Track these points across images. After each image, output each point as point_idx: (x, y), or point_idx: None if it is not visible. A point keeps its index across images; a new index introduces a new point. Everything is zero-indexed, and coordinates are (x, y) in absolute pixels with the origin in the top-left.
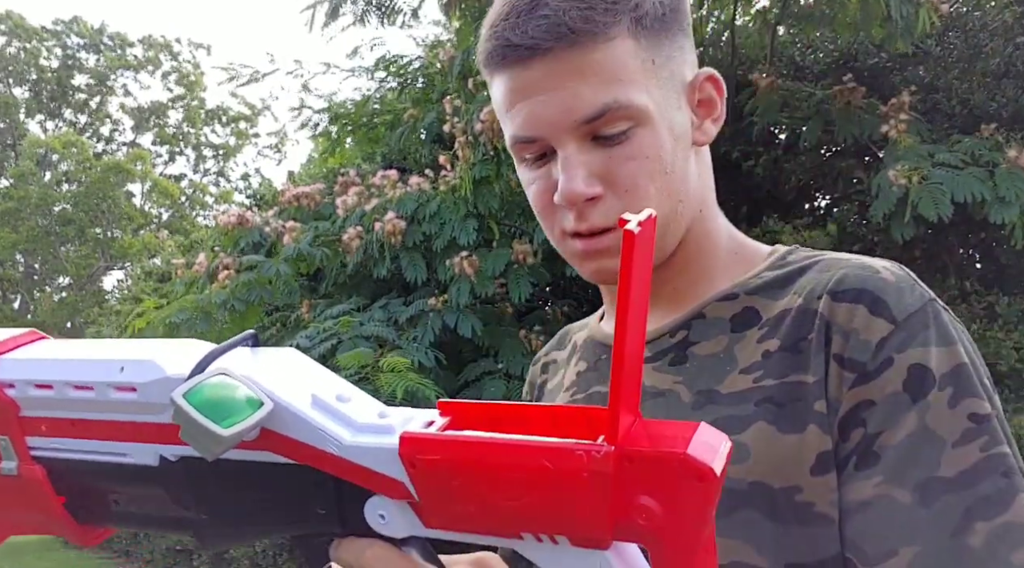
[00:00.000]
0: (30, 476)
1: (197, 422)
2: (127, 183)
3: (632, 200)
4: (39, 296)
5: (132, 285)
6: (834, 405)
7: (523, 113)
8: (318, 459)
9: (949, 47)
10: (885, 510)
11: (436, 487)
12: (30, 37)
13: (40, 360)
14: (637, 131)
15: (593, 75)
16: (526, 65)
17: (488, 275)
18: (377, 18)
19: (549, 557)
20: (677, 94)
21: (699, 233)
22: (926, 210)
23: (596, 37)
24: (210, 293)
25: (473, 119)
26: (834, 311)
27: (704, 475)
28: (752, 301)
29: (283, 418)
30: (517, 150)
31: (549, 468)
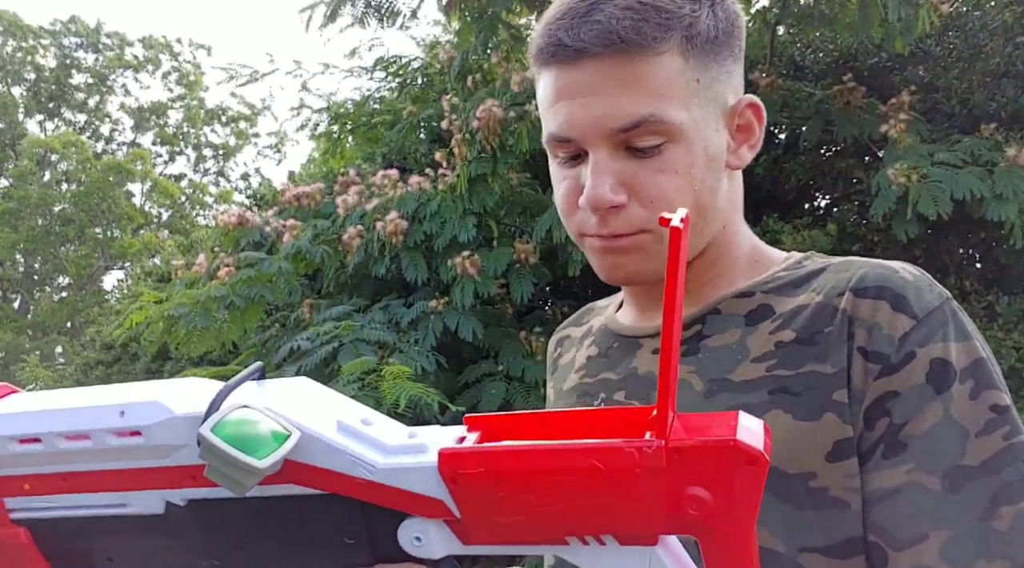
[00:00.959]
0: (12, 541)
1: (230, 456)
2: (127, 183)
3: (655, 211)
4: (39, 296)
5: (132, 285)
6: (858, 395)
7: (563, 113)
8: (348, 486)
9: (949, 47)
10: (915, 496)
11: (479, 501)
12: (26, 36)
13: (22, 413)
14: (670, 147)
15: (635, 86)
16: (573, 66)
17: (489, 275)
18: (376, 20)
19: (597, 560)
20: (717, 116)
21: (719, 244)
22: (925, 208)
23: (644, 50)
24: (209, 288)
25: (469, 117)
26: (857, 306)
27: (755, 459)
28: (767, 299)
29: (310, 447)
30: (552, 147)
31: (600, 468)
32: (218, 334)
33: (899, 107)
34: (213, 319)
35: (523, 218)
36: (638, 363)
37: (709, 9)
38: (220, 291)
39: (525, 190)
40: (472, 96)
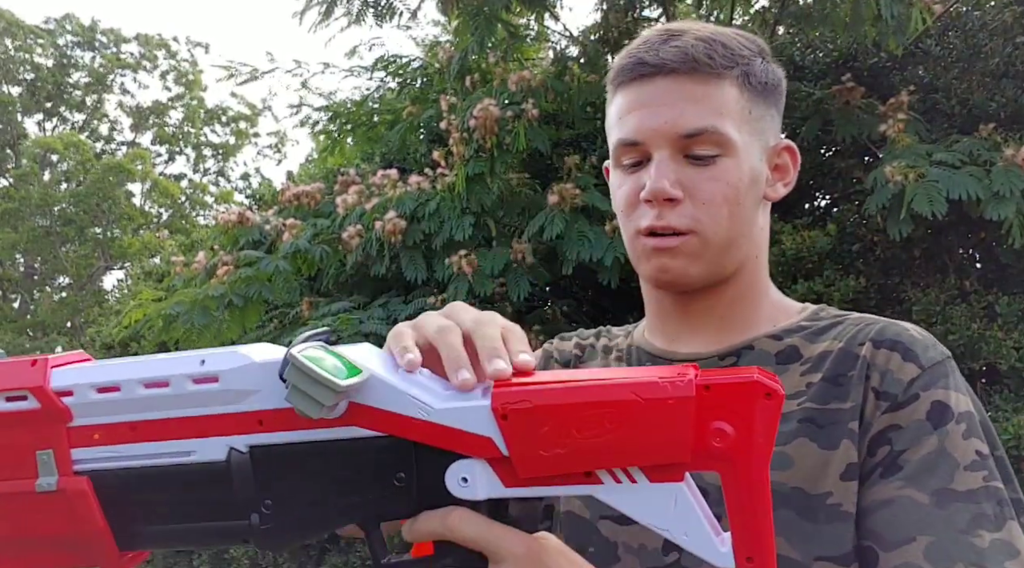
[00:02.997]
0: (74, 489)
1: (315, 373)
2: (127, 183)
3: (706, 212)
4: (39, 296)
5: (132, 285)
6: (867, 426)
7: (634, 120)
8: (406, 427)
9: (948, 47)
10: (905, 506)
11: (525, 436)
12: (24, 35)
13: (103, 366)
14: (723, 160)
15: (701, 102)
16: (650, 80)
17: (487, 274)
18: (374, 17)
19: (628, 497)
20: (760, 149)
21: (751, 276)
22: (921, 206)
23: (712, 73)
24: (208, 287)
25: (467, 116)
26: (875, 355)
27: (773, 393)
28: (794, 342)
29: (373, 389)
30: (619, 153)
31: (636, 400)
32: (217, 333)
33: (898, 107)
34: (212, 318)
35: (521, 218)
36: None
37: (761, 60)
38: (219, 290)
39: (524, 190)
40: (471, 95)
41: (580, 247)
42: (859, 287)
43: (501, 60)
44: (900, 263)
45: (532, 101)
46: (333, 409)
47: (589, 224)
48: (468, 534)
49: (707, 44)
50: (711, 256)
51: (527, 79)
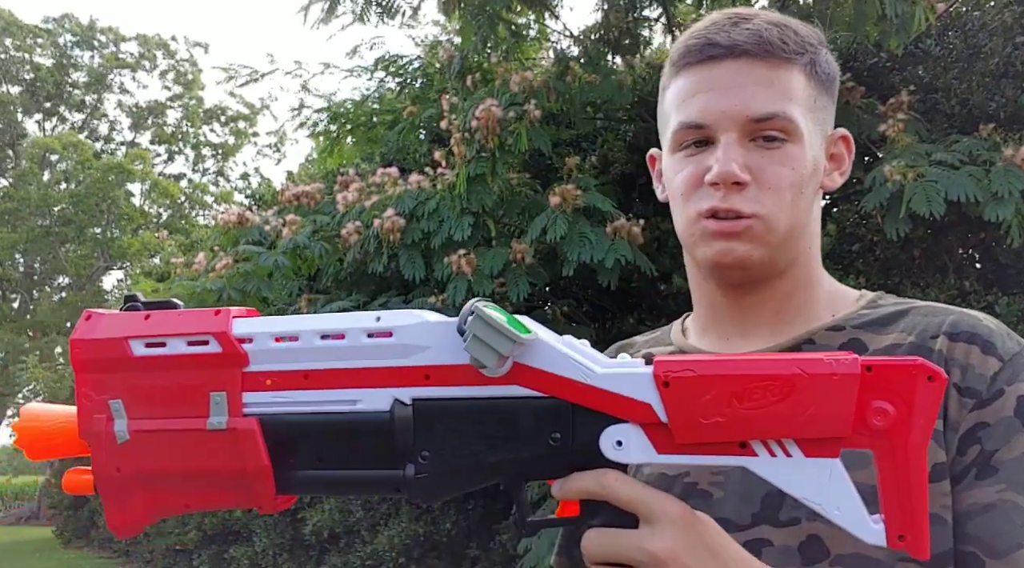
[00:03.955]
0: (243, 428)
1: (499, 324)
2: (126, 183)
3: (771, 197)
4: (39, 296)
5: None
6: (953, 425)
7: (700, 102)
8: (567, 389)
9: (948, 47)
10: (1008, 512)
11: (685, 403)
12: (24, 35)
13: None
14: (789, 146)
15: (772, 86)
16: (719, 62)
17: (486, 274)
18: (376, 15)
19: (782, 470)
20: (821, 138)
21: (806, 266)
22: (919, 206)
23: (783, 58)
24: (205, 281)
25: (468, 116)
26: (952, 349)
27: (936, 375)
28: (857, 334)
29: (539, 351)
30: (680, 135)
31: (802, 374)
32: None
33: (898, 107)
34: None
35: (522, 218)
36: None
37: (825, 51)
38: (216, 284)
39: (524, 190)
40: (472, 95)
41: (581, 248)
42: (859, 287)
43: (502, 60)
44: (900, 263)
45: (534, 102)
46: (504, 362)
47: (590, 225)
48: (625, 494)
49: (780, 29)
50: (774, 242)
51: (529, 79)
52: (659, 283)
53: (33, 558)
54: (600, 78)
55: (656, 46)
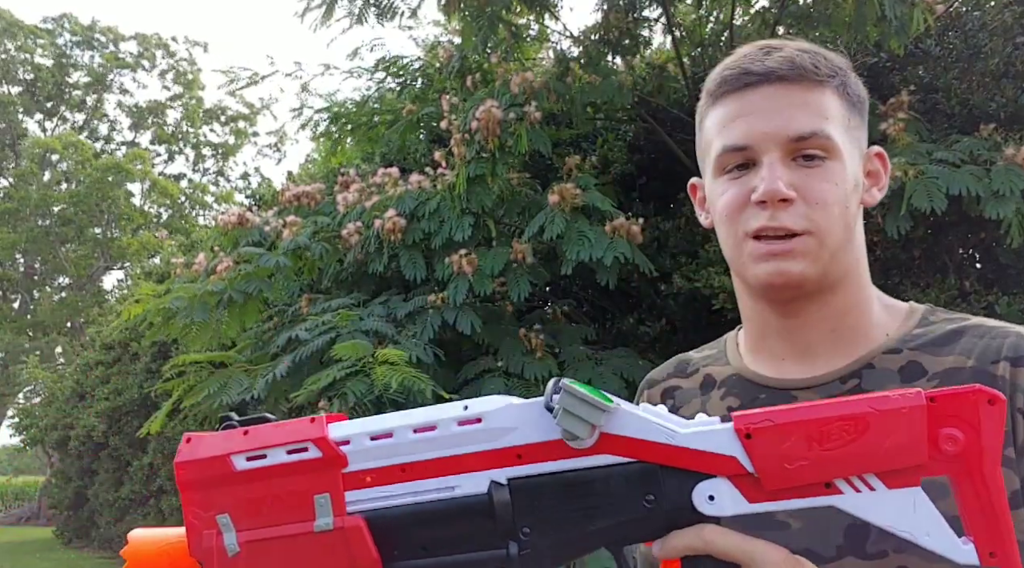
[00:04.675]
0: (350, 526)
1: (586, 396)
2: (126, 183)
3: (818, 212)
4: (39, 296)
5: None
6: (1021, 448)
7: (742, 126)
8: (654, 452)
9: (948, 47)
10: None
11: (770, 451)
12: (24, 35)
13: (373, 419)
14: (829, 163)
15: (808, 107)
16: (756, 88)
17: (487, 273)
18: (375, 16)
19: (869, 504)
20: (858, 155)
21: (856, 282)
22: (919, 202)
23: (816, 81)
24: (208, 282)
25: (468, 117)
26: (1016, 375)
27: (996, 398)
28: (915, 356)
29: (622, 419)
30: (724, 159)
31: (873, 412)
32: (216, 330)
33: (898, 107)
34: (211, 314)
35: (521, 218)
36: None
37: (854, 75)
38: (218, 286)
39: (524, 190)
40: (472, 96)
41: (580, 247)
42: None
43: (503, 60)
44: (900, 263)
45: (534, 103)
46: (594, 433)
47: (589, 224)
48: (726, 546)
49: (811, 55)
50: (827, 257)
51: (529, 80)
52: (659, 283)
53: (33, 558)
54: (600, 78)
55: (656, 46)
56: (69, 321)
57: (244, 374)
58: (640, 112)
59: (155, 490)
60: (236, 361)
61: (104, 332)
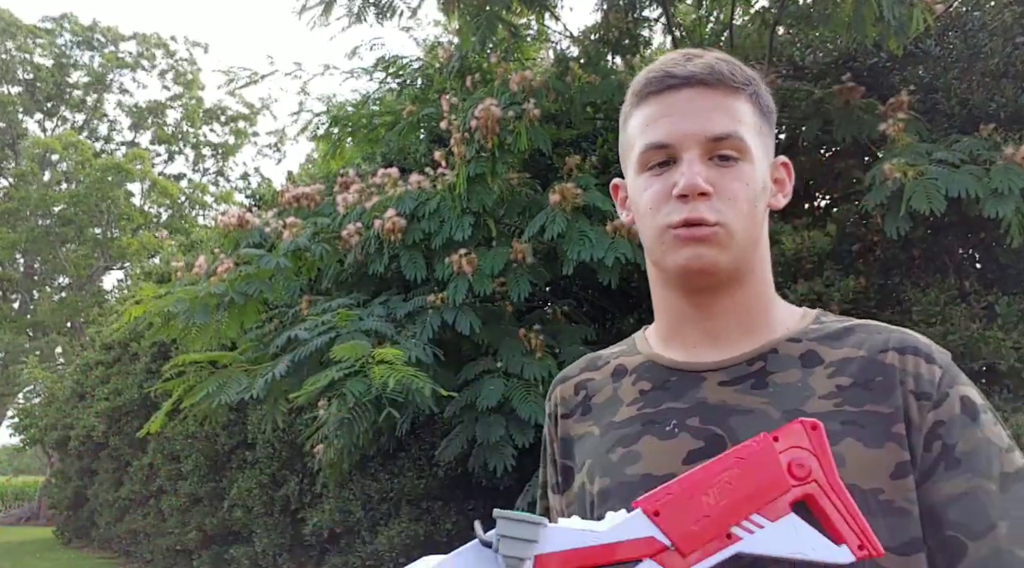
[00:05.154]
0: None
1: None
2: (126, 183)
3: (730, 208)
4: (39, 296)
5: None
6: (916, 426)
7: (664, 126)
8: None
9: (948, 47)
10: (979, 497)
11: (677, 519)
12: (23, 35)
13: None
14: (742, 164)
15: (726, 110)
16: (678, 90)
17: (487, 273)
18: (374, 15)
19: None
20: (767, 161)
21: (762, 279)
22: (919, 203)
23: (732, 87)
24: (208, 285)
25: (468, 116)
26: (904, 361)
27: (816, 425)
28: (813, 346)
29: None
30: (646, 156)
31: (741, 459)
32: (216, 331)
33: (898, 107)
34: (211, 315)
35: (522, 218)
36: (706, 393)
37: (764, 88)
38: (218, 288)
39: (524, 190)
40: (471, 95)
41: (581, 247)
42: (859, 287)
43: (502, 60)
44: (900, 263)
45: (533, 101)
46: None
47: (590, 224)
48: None
49: (728, 64)
50: (736, 249)
51: (528, 79)
52: None
53: (33, 558)
54: (600, 78)
55: (656, 46)
56: (69, 321)
57: (244, 374)
58: None
59: (155, 490)
60: (236, 361)
61: (104, 332)
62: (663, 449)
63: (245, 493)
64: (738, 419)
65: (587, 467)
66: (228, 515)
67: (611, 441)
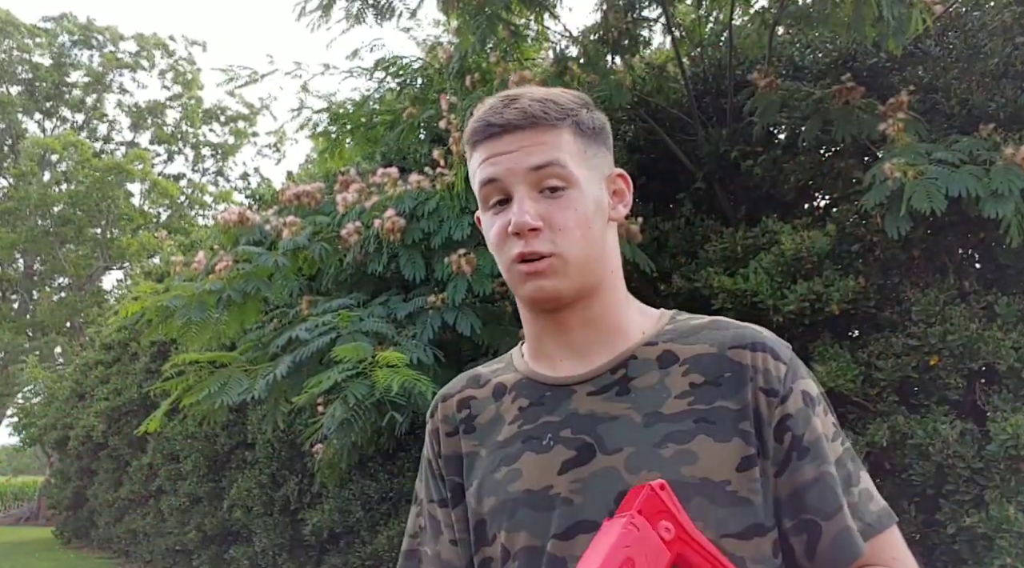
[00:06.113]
0: None
1: None
2: (126, 183)
3: (562, 237)
4: (38, 296)
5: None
6: (766, 420)
7: (491, 166)
8: None
9: (948, 47)
10: (828, 482)
11: None
12: (22, 35)
13: None
14: (570, 192)
15: (543, 145)
16: (499, 137)
17: (486, 273)
18: (374, 16)
19: None
20: (599, 181)
21: (611, 289)
22: (919, 203)
23: (548, 124)
24: (206, 281)
25: (467, 116)
26: (753, 358)
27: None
28: (668, 346)
29: None
30: (484, 195)
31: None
32: (215, 331)
33: (898, 107)
34: (209, 314)
35: None
36: (577, 405)
37: (586, 111)
38: (216, 285)
39: None
40: (471, 95)
41: None
42: (858, 287)
43: (501, 60)
44: (899, 263)
45: None
46: None
47: None
48: None
49: (541, 103)
50: (573, 273)
51: (528, 79)
52: (658, 283)
53: (33, 558)
54: (599, 78)
55: (656, 46)
56: (68, 321)
57: (244, 374)
58: (639, 112)
59: (154, 490)
60: (236, 361)
61: (103, 332)
62: (539, 463)
63: (245, 493)
64: (605, 426)
65: (475, 487)
66: (228, 515)
67: (496, 461)
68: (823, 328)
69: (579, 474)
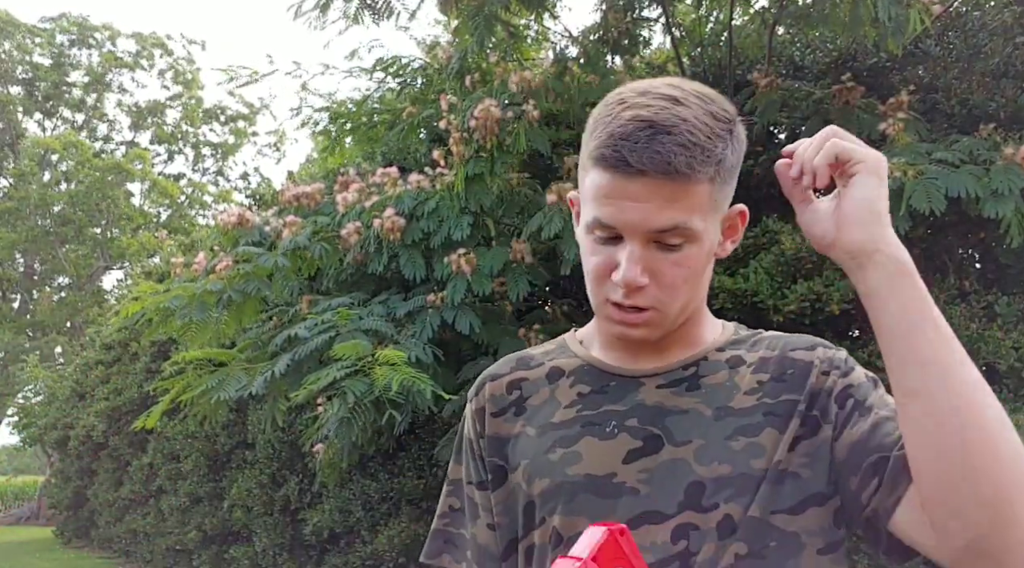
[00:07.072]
0: None
1: None
2: (126, 183)
3: (668, 294)
4: (38, 296)
5: (131, 285)
6: (825, 391)
7: (612, 208)
8: None
9: (948, 47)
10: (886, 425)
11: None
12: (22, 35)
13: None
14: (688, 247)
15: (675, 202)
16: (631, 179)
17: (486, 273)
18: (371, 17)
19: None
20: (718, 221)
21: (697, 311)
22: (919, 203)
23: (690, 179)
24: (206, 282)
25: (467, 116)
26: (811, 355)
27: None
28: (736, 351)
29: None
30: (592, 228)
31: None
32: (215, 330)
33: (898, 107)
34: (209, 314)
35: (521, 218)
36: (644, 396)
37: (731, 143)
38: (216, 285)
39: (523, 190)
40: (470, 95)
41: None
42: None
43: (501, 60)
44: None
45: (532, 102)
46: None
47: None
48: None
49: (687, 151)
50: (668, 323)
51: (527, 79)
52: None
53: (33, 558)
54: (599, 78)
55: (655, 46)
56: (69, 321)
57: (243, 371)
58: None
59: (155, 490)
60: (235, 360)
61: (104, 332)
62: (602, 449)
63: (245, 493)
64: (674, 419)
65: (523, 468)
66: (228, 515)
67: (550, 441)
68: (823, 328)
69: (646, 464)
